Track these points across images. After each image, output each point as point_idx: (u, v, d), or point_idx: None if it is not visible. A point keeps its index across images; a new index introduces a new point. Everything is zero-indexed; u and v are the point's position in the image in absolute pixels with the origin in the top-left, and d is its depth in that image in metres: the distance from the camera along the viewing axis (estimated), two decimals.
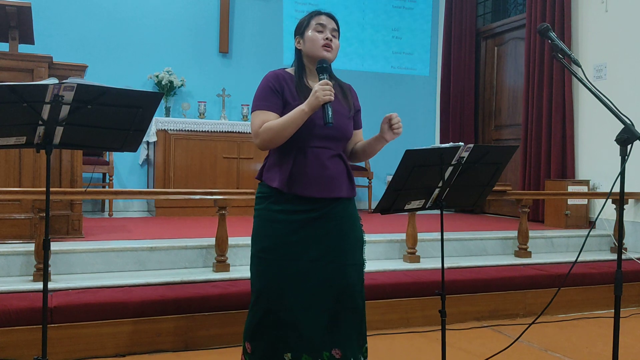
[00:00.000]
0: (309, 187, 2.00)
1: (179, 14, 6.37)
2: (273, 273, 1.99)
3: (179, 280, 3.24)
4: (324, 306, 1.99)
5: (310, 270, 1.99)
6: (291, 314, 1.97)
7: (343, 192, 2.06)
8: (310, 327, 1.97)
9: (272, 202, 2.03)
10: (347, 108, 2.13)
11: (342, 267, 2.02)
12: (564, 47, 2.10)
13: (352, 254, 2.06)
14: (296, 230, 2.00)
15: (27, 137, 1.97)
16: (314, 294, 1.98)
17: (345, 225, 2.06)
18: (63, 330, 2.75)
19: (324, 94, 1.87)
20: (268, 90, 2.03)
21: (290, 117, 1.93)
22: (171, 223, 4.86)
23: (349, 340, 2.02)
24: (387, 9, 7.31)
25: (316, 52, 2.06)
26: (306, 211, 2.01)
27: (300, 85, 2.06)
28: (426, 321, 3.40)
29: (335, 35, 2.10)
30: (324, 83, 1.89)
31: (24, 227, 3.46)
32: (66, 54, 4.68)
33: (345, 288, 2.02)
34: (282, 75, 2.08)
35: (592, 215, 5.23)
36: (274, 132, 1.94)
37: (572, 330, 3.52)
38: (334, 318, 2.00)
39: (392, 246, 4.08)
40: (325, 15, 2.10)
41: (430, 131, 7.50)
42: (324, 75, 1.97)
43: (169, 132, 5.61)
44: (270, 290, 2.00)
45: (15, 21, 3.58)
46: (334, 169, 2.04)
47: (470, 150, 2.12)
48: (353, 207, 2.13)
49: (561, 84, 5.52)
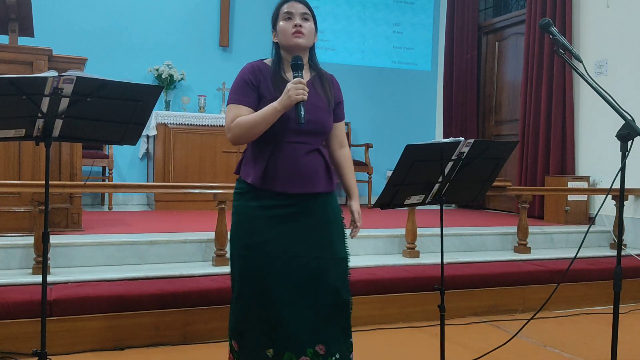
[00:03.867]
0: (284, 182, 1.95)
1: (180, 7, 6.35)
2: (255, 270, 1.96)
3: (178, 274, 3.24)
4: (308, 302, 1.95)
5: (293, 266, 1.95)
6: (275, 311, 1.93)
7: (320, 187, 2.01)
8: (294, 324, 1.93)
9: (250, 198, 1.99)
10: (326, 101, 2.05)
11: (325, 262, 1.98)
12: (565, 43, 2.10)
13: (335, 248, 2.03)
14: (276, 226, 1.96)
15: (27, 130, 1.96)
16: (298, 290, 1.95)
17: (326, 220, 2.03)
18: (62, 323, 2.75)
19: (297, 93, 1.82)
20: (243, 84, 1.98)
21: (262, 115, 1.88)
22: (171, 217, 4.86)
23: (334, 336, 1.99)
24: (388, 4, 7.28)
25: (288, 41, 1.99)
26: (284, 206, 1.97)
27: (277, 78, 1.99)
28: (425, 316, 3.40)
29: (307, 18, 2.02)
30: (297, 82, 1.84)
31: (24, 220, 3.46)
32: (66, 47, 4.66)
33: (330, 283, 1.98)
34: (260, 68, 2.02)
35: (592, 211, 5.23)
36: (245, 128, 1.90)
37: (571, 326, 3.53)
38: (318, 314, 1.96)
39: (391, 241, 4.08)
40: (293, 1, 2.02)
41: (431, 126, 7.49)
42: (298, 73, 1.90)
43: (168, 125, 5.60)
44: (253, 287, 1.96)
45: (15, 13, 3.56)
46: (311, 164, 1.99)
47: (470, 146, 2.12)
48: (334, 201, 2.08)
49: (562, 79, 5.50)
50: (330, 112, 2.07)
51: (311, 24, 2.04)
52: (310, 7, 2.06)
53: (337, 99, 2.13)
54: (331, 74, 2.17)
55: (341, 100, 2.17)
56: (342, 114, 2.17)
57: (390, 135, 7.00)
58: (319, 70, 2.11)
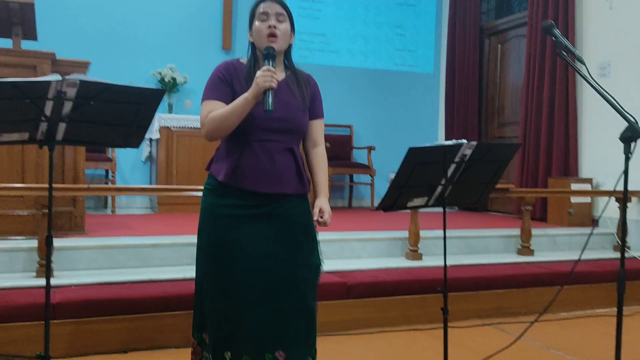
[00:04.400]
0: (254, 181, 1.92)
1: (182, 11, 6.37)
2: (219, 269, 1.93)
3: (182, 277, 3.24)
4: (271, 305, 1.91)
5: (258, 268, 1.91)
6: (236, 312, 1.90)
7: (290, 188, 1.97)
8: (255, 327, 1.89)
9: (218, 195, 1.96)
10: (300, 99, 2.01)
11: (292, 266, 1.95)
12: (568, 45, 2.09)
13: (304, 253, 1.99)
14: (243, 226, 1.92)
15: (30, 134, 1.97)
16: (261, 292, 1.91)
17: (296, 223, 1.98)
18: (65, 326, 2.76)
19: (264, 80, 1.78)
20: (217, 80, 1.96)
21: (233, 106, 1.86)
22: (173, 219, 4.87)
23: (295, 342, 1.94)
24: (390, 6, 7.29)
25: (262, 44, 1.95)
26: (253, 206, 1.93)
27: (250, 75, 1.95)
28: (428, 319, 3.40)
29: (281, 19, 1.98)
30: (265, 69, 1.81)
31: (27, 223, 3.47)
32: (69, 51, 4.66)
33: (296, 288, 1.94)
34: (234, 65, 2.00)
35: (596, 213, 5.21)
36: (218, 121, 1.87)
37: (575, 328, 3.52)
38: (281, 318, 1.92)
39: (394, 244, 4.08)
40: (269, 1, 1.98)
41: (433, 128, 7.48)
42: (268, 62, 1.87)
43: (171, 128, 5.61)
44: (216, 286, 1.94)
45: (18, 18, 3.58)
46: (283, 164, 1.95)
47: (473, 148, 2.12)
48: (305, 205, 2.04)
49: (564, 81, 5.50)
50: (305, 110, 2.02)
51: (287, 25, 2.00)
52: (287, 7, 2.02)
53: (313, 96, 2.07)
54: (308, 74, 2.12)
55: (317, 98, 2.10)
56: (318, 111, 2.10)
57: (393, 138, 6.99)
58: (294, 70, 2.06)
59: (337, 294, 3.28)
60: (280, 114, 1.90)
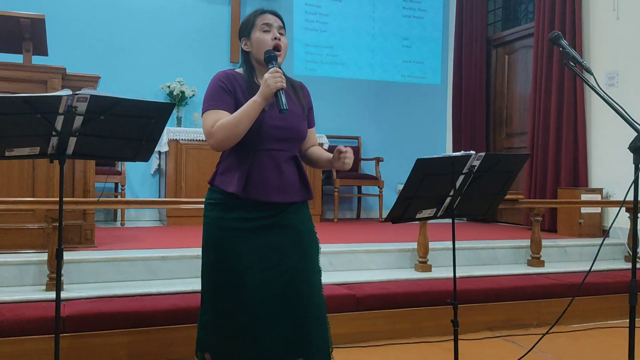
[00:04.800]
0: (267, 191, 1.92)
1: (190, 24, 6.43)
2: (229, 284, 1.91)
3: (191, 290, 3.24)
4: (284, 314, 1.90)
5: (268, 278, 1.91)
6: (249, 324, 1.89)
7: (297, 196, 1.99)
8: (269, 337, 1.88)
9: (225, 209, 1.95)
10: (300, 107, 2.04)
11: (303, 273, 1.95)
12: (575, 55, 2.10)
13: (312, 259, 1.99)
14: (250, 239, 1.92)
15: (41, 148, 1.99)
16: (273, 303, 1.90)
17: (301, 231, 2.00)
18: (75, 339, 2.76)
19: (275, 81, 1.80)
20: (219, 89, 1.96)
21: (244, 110, 1.85)
22: (182, 232, 4.88)
23: (316, 349, 1.94)
24: (397, 18, 7.32)
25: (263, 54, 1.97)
26: (260, 218, 1.94)
27: (251, 84, 1.97)
28: (438, 331, 3.37)
29: (282, 33, 2.01)
30: (273, 71, 1.82)
31: (37, 237, 3.49)
32: (79, 65, 4.72)
33: (306, 295, 1.93)
34: (233, 75, 2.01)
35: (606, 223, 5.18)
36: (229, 128, 1.86)
37: (587, 340, 3.48)
38: (295, 327, 1.91)
39: (403, 255, 4.06)
40: (271, 14, 2.01)
41: (441, 140, 7.48)
42: (273, 64, 1.89)
43: (180, 142, 5.64)
44: (226, 301, 1.92)
45: (29, 33, 3.62)
46: (289, 173, 1.97)
47: (481, 159, 2.11)
48: (307, 212, 2.06)
49: (572, 91, 5.49)
50: (304, 118, 2.05)
51: (285, 40, 2.03)
52: (284, 23, 2.06)
53: (308, 105, 2.12)
54: (300, 82, 2.16)
55: (311, 107, 2.15)
56: (312, 120, 2.16)
57: (401, 149, 7.00)
58: (288, 79, 2.07)
59: (346, 306, 3.27)
60: (284, 122, 1.92)
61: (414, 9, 7.41)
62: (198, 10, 6.48)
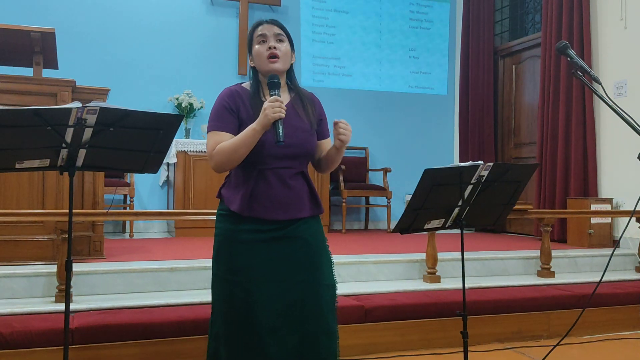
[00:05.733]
0: (271, 210, 1.91)
1: (199, 36, 6.49)
2: (238, 295, 1.90)
3: (199, 301, 3.24)
4: (294, 328, 1.89)
5: (278, 291, 1.89)
6: (258, 337, 1.87)
7: (305, 212, 1.97)
8: (278, 351, 1.87)
9: (235, 221, 1.94)
10: (307, 122, 2.00)
11: (313, 286, 1.93)
12: (583, 65, 2.09)
13: (323, 273, 1.98)
14: (260, 250, 1.91)
15: (51, 160, 2.00)
16: (282, 316, 1.89)
17: (312, 244, 1.97)
18: (84, 351, 2.76)
19: (273, 112, 1.78)
20: (222, 110, 1.95)
21: (242, 138, 1.84)
22: (191, 244, 4.89)
23: None
24: (404, 29, 7.35)
25: (264, 66, 1.97)
26: (269, 230, 1.92)
27: (256, 102, 1.95)
28: (447, 342, 3.35)
29: (281, 39, 1.98)
30: (273, 100, 1.81)
31: (47, 249, 3.50)
32: (89, 78, 4.76)
33: (315, 309, 1.92)
34: (237, 92, 1.99)
35: (616, 234, 5.14)
36: (227, 154, 1.86)
37: (598, 351, 3.44)
38: (302, 340, 1.90)
39: (411, 266, 4.05)
40: (265, 23, 2.00)
41: (449, 150, 7.47)
42: (274, 92, 1.88)
43: (188, 153, 5.67)
44: (236, 312, 1.90)
45: (39, 46, 3.67)
46: (297, 189, 1.95)
47: (490, 169, 2.11)
48: (318, 225, 2.04)
49: (581, 100, 5.47)
50: (312, 133, 2.01)
51: (287, 45, 2.00)
52: (284, 27, 2.03)
53: (319, 117, 2.07)
54: (311, 93, 2.12)
55: (323, 118, 2.10)
56: (326, 131, 2.10)
57: (408, 160, 6.99)
58: (298, 91, 2.05)
59: (355, 317, 3.25)
60: (289, 139, 1.88)
61: (421, 20, 7.43)
62: (206, 23, 6.54)
